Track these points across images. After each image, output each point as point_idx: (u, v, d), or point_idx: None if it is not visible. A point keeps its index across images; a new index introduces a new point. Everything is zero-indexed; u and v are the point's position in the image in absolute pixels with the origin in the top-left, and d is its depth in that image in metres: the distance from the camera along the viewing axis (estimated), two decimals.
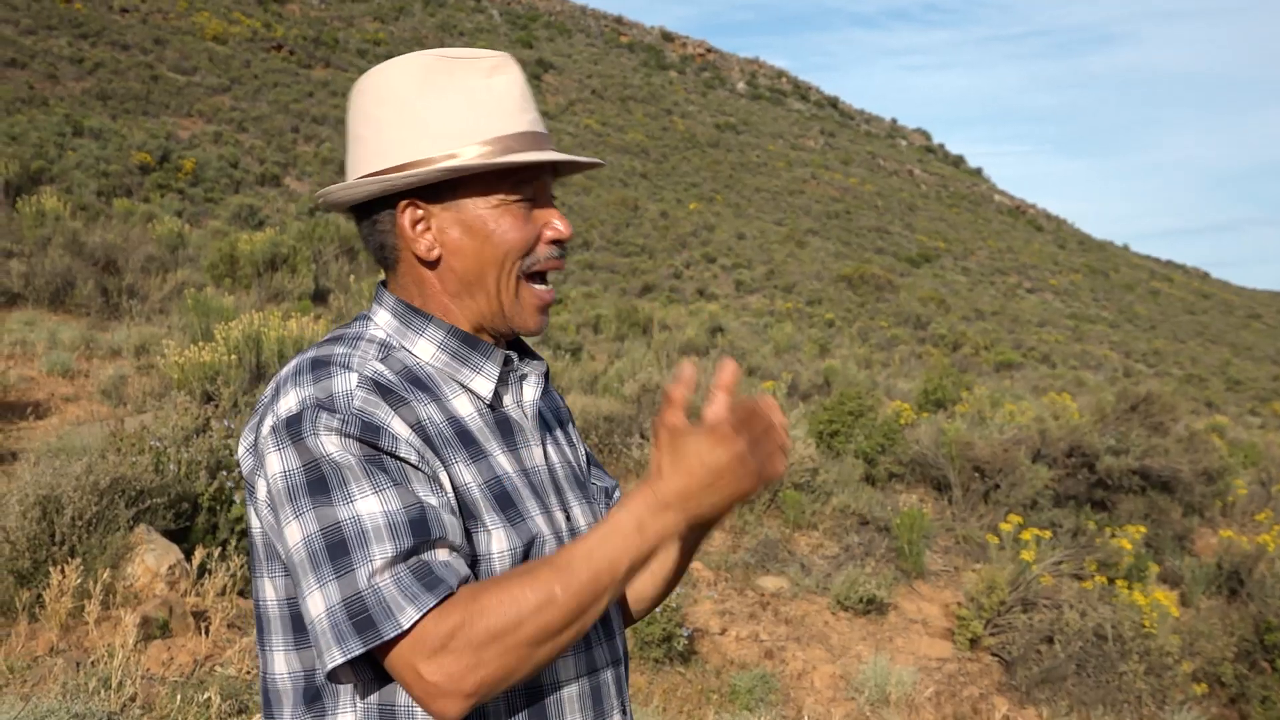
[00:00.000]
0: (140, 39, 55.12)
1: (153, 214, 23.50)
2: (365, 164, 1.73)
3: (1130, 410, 12.28)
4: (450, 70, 1.71)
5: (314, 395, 1.59)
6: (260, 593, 1.69)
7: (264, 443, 1.60)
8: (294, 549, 1.53)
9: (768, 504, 9.43)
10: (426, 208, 1.72)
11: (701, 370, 15.86)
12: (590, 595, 1.47)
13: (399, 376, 1.67)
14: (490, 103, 1.71)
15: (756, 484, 1.49)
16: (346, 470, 1.53)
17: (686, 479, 1.47)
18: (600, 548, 1.48)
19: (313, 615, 1.49)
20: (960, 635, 7.99)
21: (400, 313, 1.76)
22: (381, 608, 1.44)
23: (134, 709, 4.65)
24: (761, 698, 6.74)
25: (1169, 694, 7.69)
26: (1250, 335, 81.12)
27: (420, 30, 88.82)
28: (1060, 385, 26.17)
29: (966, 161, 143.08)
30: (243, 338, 8.68)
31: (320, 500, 1.52)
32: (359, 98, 1.76)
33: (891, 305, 46.07)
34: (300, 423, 1.57)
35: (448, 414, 1.69)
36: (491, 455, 1.71)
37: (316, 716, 1.64)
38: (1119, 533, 9.83)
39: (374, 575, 1.46)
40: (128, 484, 6.01)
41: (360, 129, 1.75)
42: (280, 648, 1.68)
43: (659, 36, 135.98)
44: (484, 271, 1.72)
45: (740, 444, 1.47)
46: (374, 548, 1.48)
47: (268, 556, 1.66)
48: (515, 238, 1.72)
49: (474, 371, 1.75)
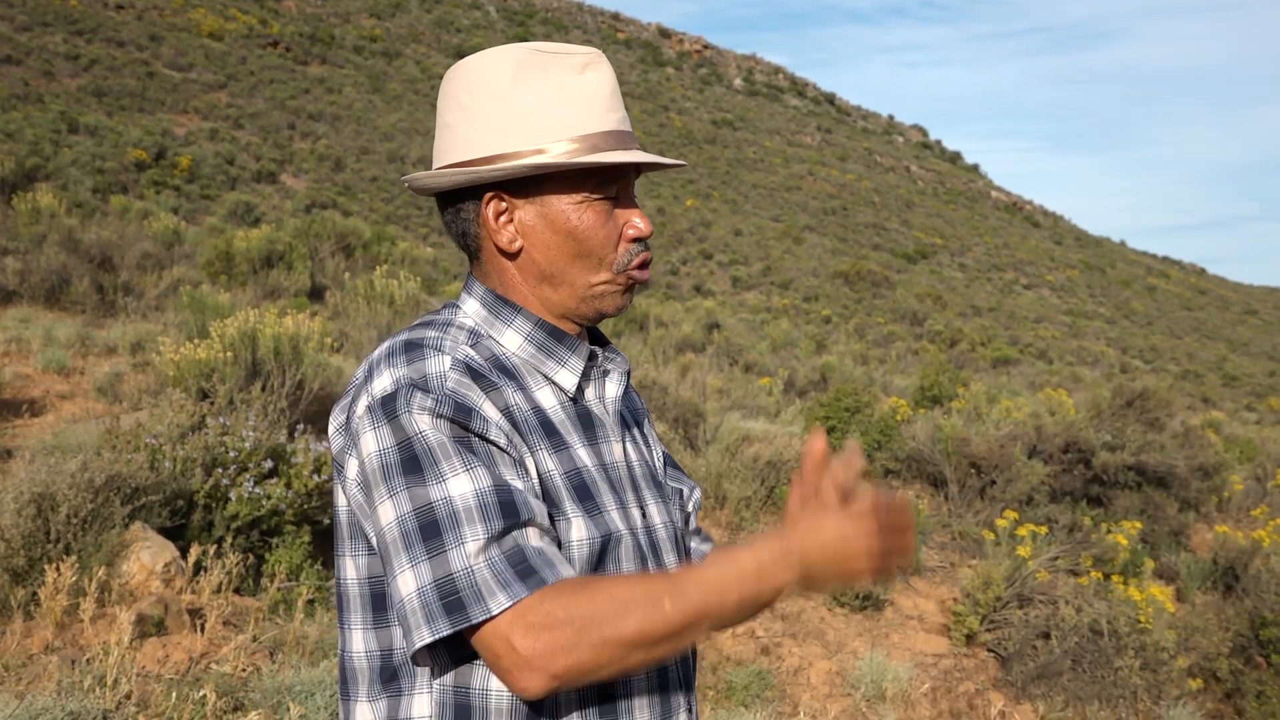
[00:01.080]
0: (136, 35, 55.08)
1: (149, 211, 23.50)
2: (453, 153, 1.75)
3: (1126, 406, 12.30)
4: (544, 65, 1.72)
5: (408, 375, 1.62)
6: (342, 571, 1.72)
7: (358, 422, 1.63)
8: (386, 528, 1.55)
9: (764, 500, 9.44)
10: (511, 200, 1.74)
11: (697, 367, 15.86)
12: (695, 618, 1.48)
13: (488, 363, 1.71)
14: (580, 99, 1.72)
15: (871, 577, 1.54)
16: (438, 449, 1.55)
17: (819, 548, 1.51)
18: (718, 578, 1.50)
19: (402, 594, 1.51)
20: (956, 631, 7.99)
21: (489, 303, 1.78)
22: (473, 591, 1.46)
23: (129, 706, 4.64)
24: (758, 694, 6.74)
25: (1164, 689, 7.69)
26: (1246, 331, 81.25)
27: (417, 27, 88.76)
28: (1056, 381, 26.20)
29: (963, 158, 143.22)
30: (238, 335, 8.67)
31: (414, 480, 1.54)
32: (450, 85, 1.78)
33: (888, 301, 46.12)
34: (395, 401, 1.59)
35: (532, 403, 1.72)
36: (572, 447, 1.73)
37: (392, 696, 1.66)
38: (1115, 528, 9.84)
39: (467, 558, 1.48)
40: (123, 481, 6.00)
41: (450, 117, 1.76)
42: (359, 626, 1.70)
43: (656, 33, 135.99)
44: (568, 267, 1.75)
45: (878, 540, 1.51)
46: (465, 529, 1.50)
47: (351, 535, 1.70)
48: (600, 234, 1.74)
49: (559, 364, 1.77)
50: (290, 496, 6.66)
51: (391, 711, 1.66)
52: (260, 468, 6.68)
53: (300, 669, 5.24)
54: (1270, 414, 35.44)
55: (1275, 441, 19.31)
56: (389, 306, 12.81)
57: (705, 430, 10.71)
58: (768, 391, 14.81)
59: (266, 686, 4.97)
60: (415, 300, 13.31)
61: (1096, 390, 16.00)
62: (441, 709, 1.63)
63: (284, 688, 4.96)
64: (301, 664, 5.38)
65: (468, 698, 1.62)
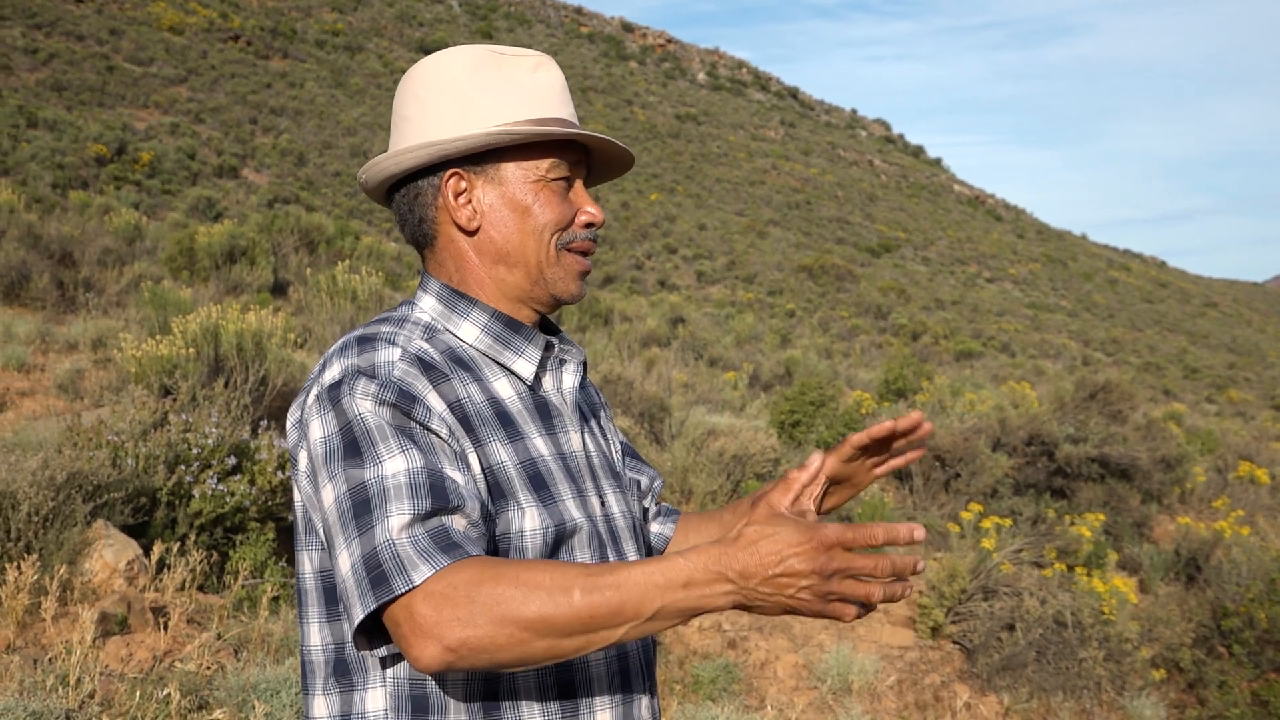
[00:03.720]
0: (96, 29, 54.59)
1: (109, 206, 23.32)
2: (411, 140, 1.80)
3: (1089, 399, 12.38)
4: (498, 64, 1.80)
5: (356, 364, 1.65)
6: (300, 566, 1.74)
7: (308, 411, 1.65)
8: (328, 512, 1.56)
9: (730, 494, 9.45)
10: (470, 179, 1.78)
11: (662, 361, 15.86)
12: (606, 617, 1.41)
13: (443, 356, 1.73)
14: (534, 91, 1.79)
15: (815, 613, 1.42)
16: (376, 432, 1.57)
17: (757, 563, 1.39)
18: (642, 582, 1.42)
19: (342, 574, 1.51)
20: (922, 624, 8.02)
21: (445, 297, 1.81)
22: (396, 563, 1.45)
23: (92, 706, 4.60)
24: (724, 688, 6.75)
25: (1128, 680, 7.75)
26: (1206, 323, 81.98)
27: (379, 21, 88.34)
28: (1019, 374, 26.36)
29: (926, 152, 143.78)
30: (201, 331, 8.61)
31: (352, 463, 1.55)
32: (408, 83, 1.84)
33: (852, 295, 46.27)
34: (340, 388, 1.62)
35: (488, 394, 1.74)
36: (529, 437, 1.74)
37: (345, 690, 1.67)
38: (1078, 520, 9.90)
39: (390, 532, 1.47)
40: (85, 479, 5.95)
41: (408, 111, 1.82)
42: (315, 620, 1.71)
43: (619, 27, 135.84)
44: (524, 242, 1.79)
45: (821, 564, 1.39)
46: (392, 505, 1.49)
47: (306, 530, 1.71)
48: (553, 212, 1.79)
49: (516, 354, 1.80)
50: (254, 493, 6.61)
51: (345, 706, 1.67)
52: (224, 464, 6.64)
53: (265, 666, 5.22)
54: (1230, 406, 35.77)
55: (1236, 433, 19.51)
56: (352, 301, 12.75)
57: (670, 425, 10.72)
58: (732, 385, 14.84)
59: (231, 685, 4.94)
60: (378, 295, 13.26)
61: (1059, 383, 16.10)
62: (397, 701, 1.63)
63: (249, 686, 4.93)
64: (266, 661, 5.35)
65: (424, 688, 1.62)
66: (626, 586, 1.42)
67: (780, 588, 1.39)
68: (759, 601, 1.41)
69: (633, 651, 1.78)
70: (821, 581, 1.39)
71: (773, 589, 1.40)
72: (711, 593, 1.41)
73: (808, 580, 1.39)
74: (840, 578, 1.40)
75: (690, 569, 1.41)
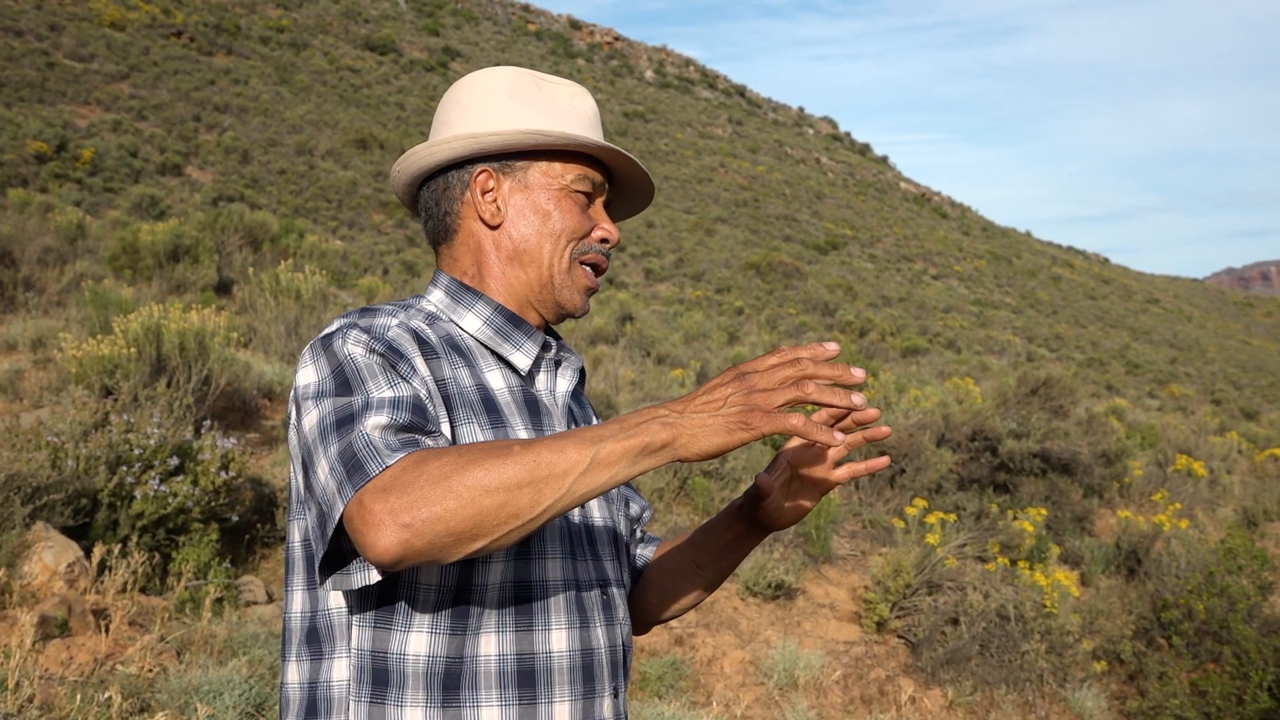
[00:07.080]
0: (35, 25, 53.83)
1: (50, 204, 23.00)
2: (451, 135, 1.90)
3: (1031, 394, 12.50)
4: (538, 85, 1.92)
5: (353, 321, 1.73)
6: (290, 536, 1.78)
7: (300, 363, 1.71)
8: (308, 432, 1.61)
9: (677, 491, 9.47)
10: (498, 178, 1.88)
11: (610, 359, 15.87)
12: (549, 462, 1.44)
13: (440, 339, 1.79)
14: (569, 112, 1.91)
15: (738, 421, 1.44)
16: (365, 370, 1.63)
17: (688, 397, 1.49)
18: (578, 430, 1.49)
19: (321, 482, 1.54)
20: (867, 618, 8.08)
21: (453, 291, 1.89)
22: (370, 450, 1.49)
23: (32, 710, 4.56)
24: (672, 684, 6.77)
25: (1070, 672, 7.85)
26: (1149, 320, 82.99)
27: (324, 17, 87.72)
28: (965, 370, 26.57)
29: (873, 149, 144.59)
30: (142, 330, 8.53)
31: (341, 394, 1.61)
32: (452, 92, 1.95)
33: (799, 292, 46.44)
34: (333, 337, 1.70)
35: (477, 381, 1.79)
36: (511, 427, 1.78)
37: (315, 659, 1.71)
38: (1021, 515, 10.00)
39: (368, 431, 1.53)
40: (24, 480, 5.89)
41: (449, 115, 1.92)
42: (298, 587, 1.75)
43: (567, 24, 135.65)
44: (540, 244, 1.87)
45: (737, 373, 1.48)
46: (373, 412, 1.55)
47: (298, 500, 1.73)
48: (572, 221, 1.89)
49: (514, 347, 1.86)
50: (197, 494, 6.57)
51: (313, 673, 1.70)
52: (166, 465, 6.59)
53: (208, 668, 5.18)
54: (1171, 400, 36.24)
55: (1175, 428, 19.75)
56: (296, 300, 12.66)
57: None
58: (680, 383, 14.85)
59: (173, 687, 4.91)
60: (323, 294, 13.18)
61: (1003, 379, 16.24)
62: (359, 673, 1.66)
63: (191, 688, 4.90)
64: (209, 663, 5.31)
65: (385, 662, 1.65)
66: (566, 435, 1.48)
67: (711, 407, 1.46)
68: (696, 430, 1.46)
69: (598, 649, 1.79)
70: (745, 390, 1.46)
71: (705, 411, 1.46)
72: (647, 419, 1.47)
73: (731, 389, 1.47)
74: (763, 379, 1.47)
75: (629, 416, 1.50)
